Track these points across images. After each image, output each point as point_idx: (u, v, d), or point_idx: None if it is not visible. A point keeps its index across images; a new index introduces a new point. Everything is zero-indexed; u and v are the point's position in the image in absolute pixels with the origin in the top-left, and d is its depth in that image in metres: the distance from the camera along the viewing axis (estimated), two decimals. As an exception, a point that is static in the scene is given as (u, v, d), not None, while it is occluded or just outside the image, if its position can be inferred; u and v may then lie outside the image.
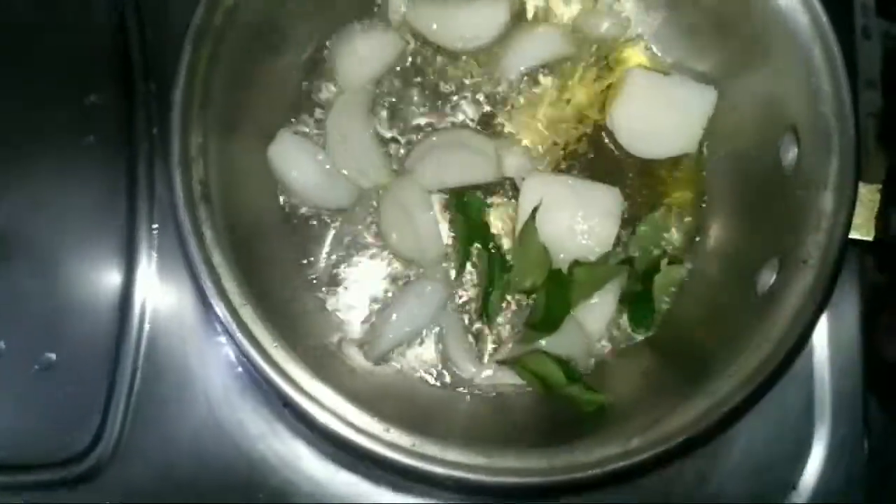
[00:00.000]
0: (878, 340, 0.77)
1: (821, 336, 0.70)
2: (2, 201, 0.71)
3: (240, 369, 0.69)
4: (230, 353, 0.69)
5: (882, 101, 0.84)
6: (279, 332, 0.57)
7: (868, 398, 0.71)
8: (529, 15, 0.72)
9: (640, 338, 0.68)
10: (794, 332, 0.57)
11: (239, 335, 0.55)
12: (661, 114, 0.68)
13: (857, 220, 0.58)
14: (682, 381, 0.60)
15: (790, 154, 0.61)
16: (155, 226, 0.71)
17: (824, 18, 0.58)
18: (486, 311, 0.67)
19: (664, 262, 0.68)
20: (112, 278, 0.70)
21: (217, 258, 0.56)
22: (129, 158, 0.71)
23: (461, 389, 0.67)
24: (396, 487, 0.65)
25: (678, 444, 0.56)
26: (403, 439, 0.56)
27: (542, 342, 0.66)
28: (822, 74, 0.58)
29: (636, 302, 0.68)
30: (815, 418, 0.70)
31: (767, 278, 0.60)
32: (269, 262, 0.65)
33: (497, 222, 0.69)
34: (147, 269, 0.70)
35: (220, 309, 0.55)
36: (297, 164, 0.67)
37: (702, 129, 0.68)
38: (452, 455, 0.56)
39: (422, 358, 0.67)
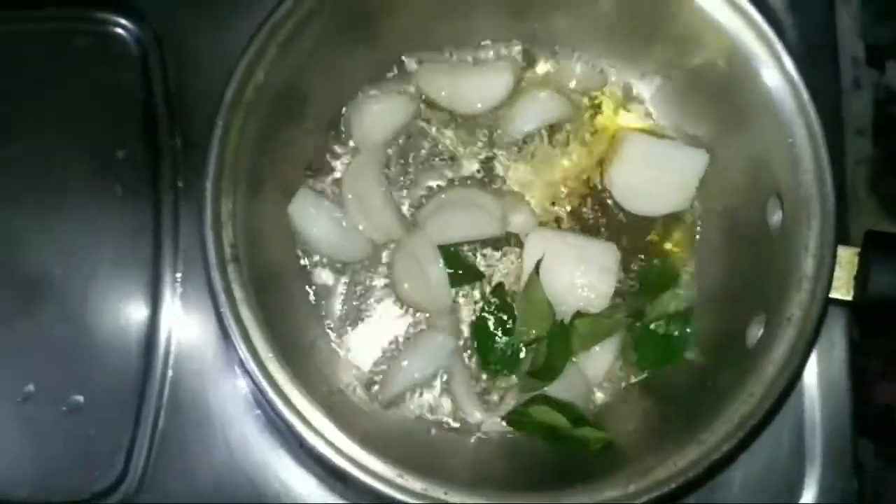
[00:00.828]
0: (868, 387, 0.81)
1: (811, 383, 0.74)
2: (33, 249, 0.75)
3: (257, 411, 0.73)
4: (248, 394, 0.73)
5: (872, 149, 0.88)
6: (300, 379, 0.61)
7: (858, 443, 0.74)
8: (532, 81, 0.77)
9: (640, 377, 0.71)
10: (779, 385, 0.60)
11: (266, 387, 0.59)
12: (656, 174, 0.72)
13: (836, 281, 0.61)
14: (676, 428, 0.63)
15: (775, 216, 0.65)
16: (178, 273, 0.75)
17: (806, 95, 0.62)
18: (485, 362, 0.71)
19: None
20: (137, 324, 0.74)
21: (245, 313, 0.59)
22: (155, 209, 0.76)
23: (468, 433, 0.70)
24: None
25: (672, 489, 0.59)
26: (414, 484, 0.59)
27: (544, 388, 0.70)
28: (804, 146, 0.62)
29: (651, 343, 0.71)
30: (805, 462, 0.73)
31: (756, 332, 0.64)
32: (288, 312, 0.68)
33: (504, 275, 0.73)
34: (170, 314, 0.74)
35: (249, 362, 0.59)
36: (316, 220, 0.71)
37: (694, 190, 0.72)
38: (459, 498, 0.59)
39: (431, 403, 0.71)
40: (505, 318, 0.71)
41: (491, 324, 0.71)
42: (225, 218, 0.60)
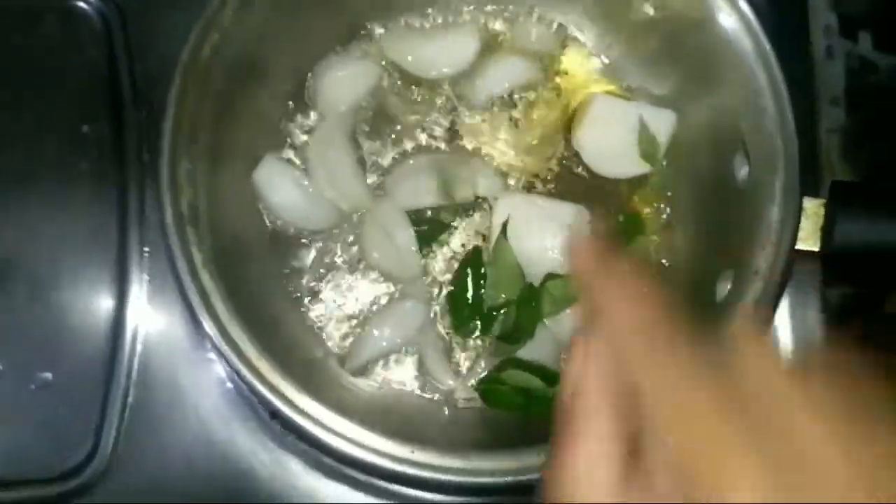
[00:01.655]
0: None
1: (786, 342, 0.73)
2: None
3: (229, 385, 0.72)
4: (219, 370, 0.72)
5: (845, 119, 0.89)
6: (266, 347, 0.60)
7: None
8: (498, 45, 0.76)
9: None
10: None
11: (227, 350, 0.58)
12: (624, 136, 0.72)
13: (802, 232, 0.61)
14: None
15: (742, 171, 0.65)
16: (146, 249, 0.73)
17: (767, 45, 0.62)
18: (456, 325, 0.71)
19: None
20: (105, 300, 0.73)
21: (206, 278, 0.59)
22: (121, 184, 0.74)
23: (440, 400, 0.70)
24: (379, 492, 0.68)
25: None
26: (384, 444, 0.59)
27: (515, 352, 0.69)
28: (767, 96, 0.62)
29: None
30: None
31: (724, 288, 0.64)
32: (255, 281, 0.67)
33: (474, 241, 0.73)
34: (139, 290, 0.73)
35: (209, 326, 0.58)
36: (281, 188, 0.70)
37: (663, 150, 0.72)
38: (430, 458, 0.59)
39: (402, 371, 0.70)
40: (481, 280, 0.70)
41: (466, 285, 0.70)
42: (183, 178, 0.59)
